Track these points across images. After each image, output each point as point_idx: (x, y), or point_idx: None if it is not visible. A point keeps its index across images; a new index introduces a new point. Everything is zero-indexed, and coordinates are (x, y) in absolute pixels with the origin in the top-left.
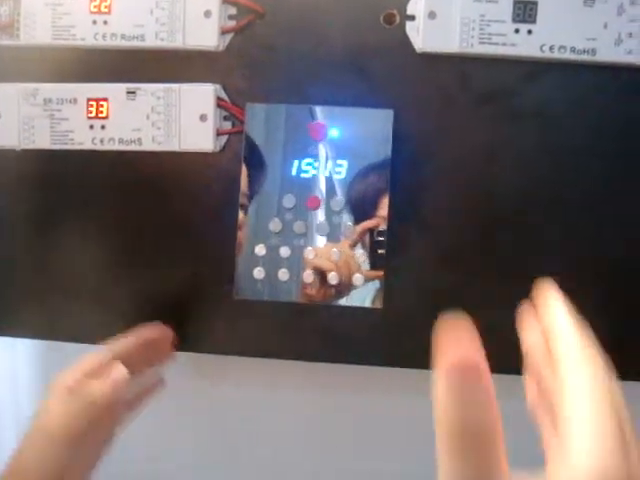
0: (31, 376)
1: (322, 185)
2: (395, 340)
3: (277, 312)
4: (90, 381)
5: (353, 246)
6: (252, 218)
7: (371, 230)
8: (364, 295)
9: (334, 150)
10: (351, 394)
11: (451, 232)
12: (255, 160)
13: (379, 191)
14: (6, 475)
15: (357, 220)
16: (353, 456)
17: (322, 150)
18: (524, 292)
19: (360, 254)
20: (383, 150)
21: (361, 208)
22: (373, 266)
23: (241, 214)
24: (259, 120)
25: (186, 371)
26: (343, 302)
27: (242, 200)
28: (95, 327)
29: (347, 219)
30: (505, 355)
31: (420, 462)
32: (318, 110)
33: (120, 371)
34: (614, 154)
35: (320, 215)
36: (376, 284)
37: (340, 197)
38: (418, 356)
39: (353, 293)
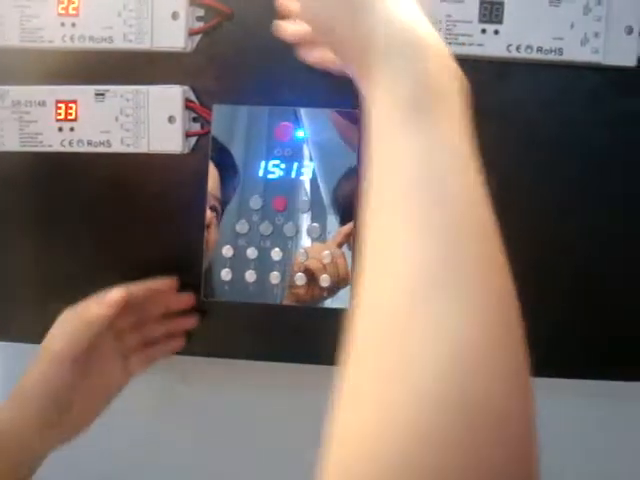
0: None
1: (289, 186)
2: None
3: (245, 313)
4: (89, 304)
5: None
6: (219, 219)
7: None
8: (349, 297)
9: (301, 151)
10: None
11: None
12: (222, 161)
13: (351, 193)
14: (14, 393)
15: (342, 221)
16: None
17: (289, 151)
18: None
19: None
20: (351, 151)
21: (337, 209)
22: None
23: (209, 215)
24: (226, 121)
25: (166, 374)
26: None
27: (209, 201)
28: None
29: (323, 220)
30: None
31: None
32: (286, 111)
33: (116, 293)
34: (581, 152)
35: (292, 216)
36: None
37: (307, 198)
38: None
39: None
